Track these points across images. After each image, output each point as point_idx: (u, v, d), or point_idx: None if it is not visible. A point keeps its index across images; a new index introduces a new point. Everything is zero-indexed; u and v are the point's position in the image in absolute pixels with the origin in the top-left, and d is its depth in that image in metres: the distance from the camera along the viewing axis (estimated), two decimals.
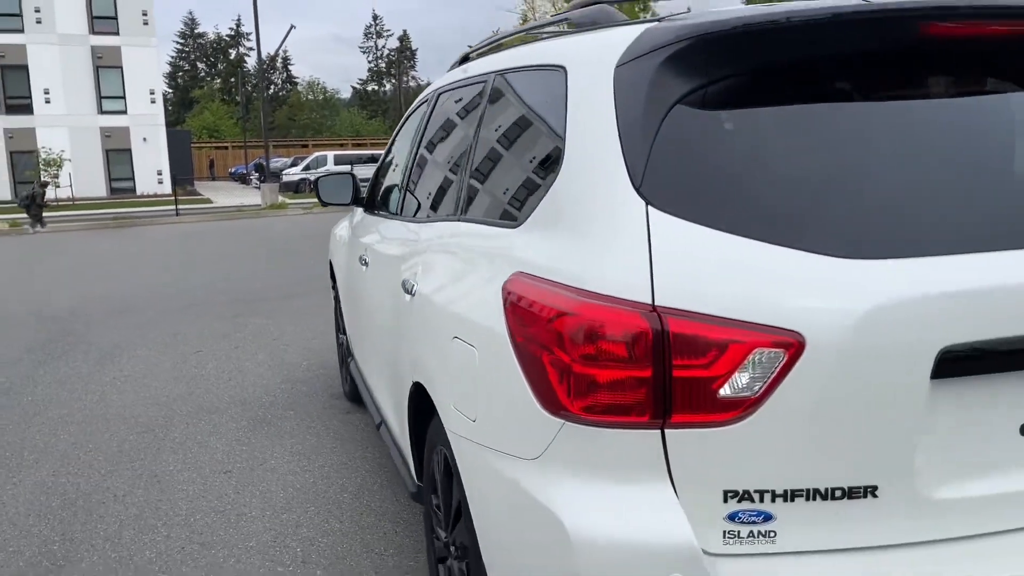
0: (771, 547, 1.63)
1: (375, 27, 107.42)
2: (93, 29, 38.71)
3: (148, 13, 39.62)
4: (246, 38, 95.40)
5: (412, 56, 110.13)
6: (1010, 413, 1.68)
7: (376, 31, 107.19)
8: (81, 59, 38.55)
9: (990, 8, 1.82)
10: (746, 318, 1.57)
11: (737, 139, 1.76)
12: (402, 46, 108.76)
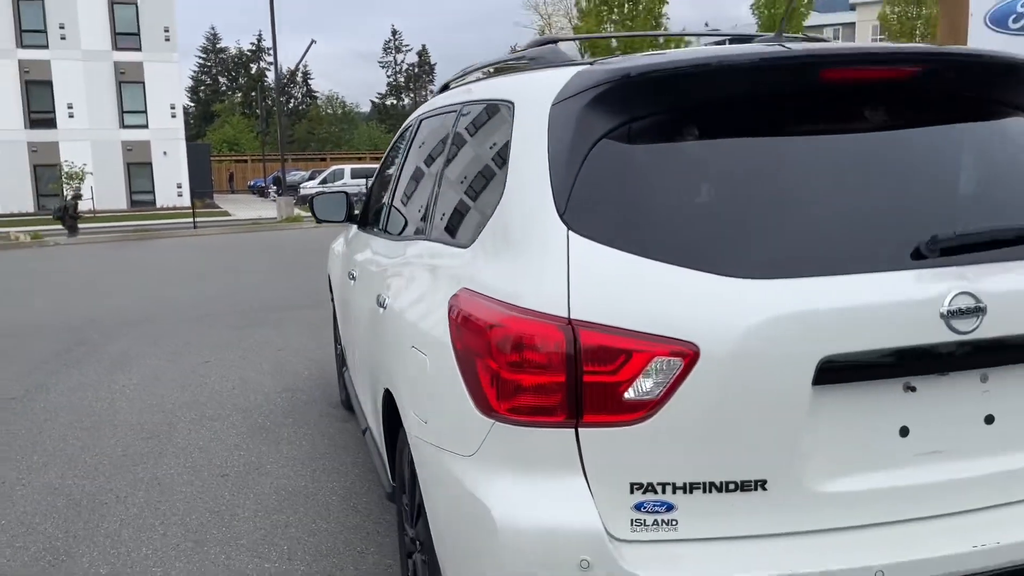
0: (673, 534, 1.82)
1: (394, 42, 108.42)
2: (116, 45, 39.45)
3: (170, 29, 40.33)
4: (267, 53, 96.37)
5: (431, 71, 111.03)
6: (890, 417, 1.87)
7: (395, 46, 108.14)
8: (104, 74, 39.29)
9: (875, 55, 2.03)
10: (648, 330, 1.77)
11: (649, 172, 1.97)
12: (421, 61, 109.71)
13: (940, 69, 2.11)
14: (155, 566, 3.52)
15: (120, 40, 39.52)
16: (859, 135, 2.09)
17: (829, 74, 2.02)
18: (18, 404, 6.14)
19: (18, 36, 38.20)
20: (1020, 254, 1.94)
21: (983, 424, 1.94)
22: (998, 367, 1.92)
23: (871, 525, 1.86)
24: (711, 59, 2.04)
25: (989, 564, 1.82)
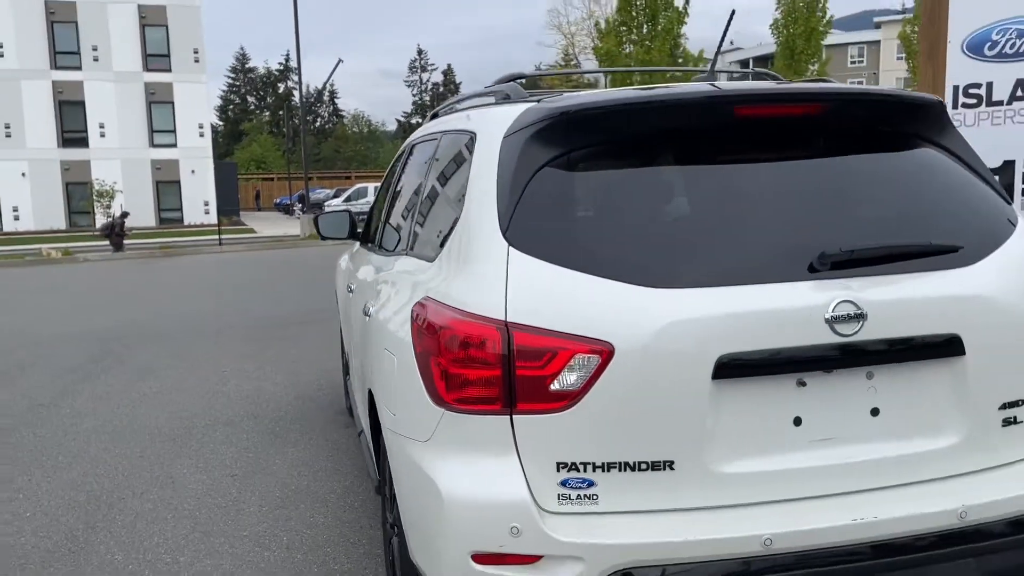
0: (594, 507, 2.11)
1: (419, 61, 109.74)
2: (147, 67, 40.47)
3: (199, 51, 41.29)
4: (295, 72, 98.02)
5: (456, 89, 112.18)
6: (784, 408, 2.16)
7: (421, 65, 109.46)
8: (135, 95, 40.28)
9: (778, 95, 2.34)
10: (571, 331, 2.07)
11: (580, 196, 2.29)
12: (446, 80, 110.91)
13: (835, 106, 2.41)
14: (165, 554, 3.85)
15: (151, 61, 40.54)
16: (764, 164, 2.40)
17: (741, 111, 2.33)
18: (46, 410, 6.54)
19: (52, 58, 39.31)
20: (900, 268, 2.22)
21: (870, 416, 2.21)
22: (882, 366, 2.20)
23: (766, 502, 2.14)
24: (636, 99, 2.36)
25: (867, 536, 2.10)
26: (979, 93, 5.86)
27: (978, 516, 2.17)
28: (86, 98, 39.74)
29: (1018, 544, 2.21)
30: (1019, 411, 2.31)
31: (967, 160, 2.57)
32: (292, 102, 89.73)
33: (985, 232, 2.40)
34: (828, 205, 2.37)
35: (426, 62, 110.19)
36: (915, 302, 2.21)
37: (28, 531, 4.16)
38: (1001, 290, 2.29)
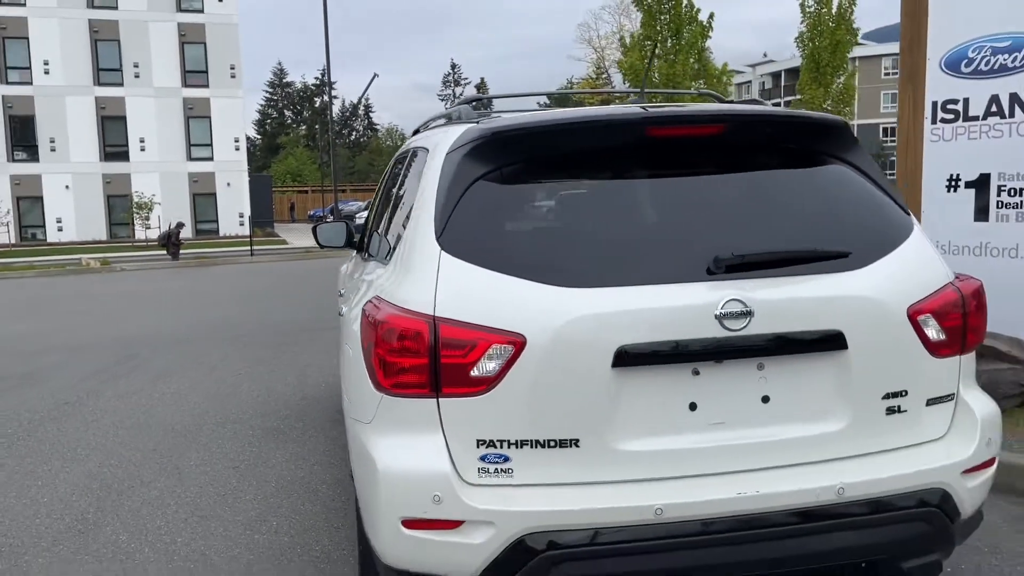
0: (509, 480, 2.39)
1: (453, 75, 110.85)
2: (185, 82, 41.54)
3: (236, 67, 42.29)
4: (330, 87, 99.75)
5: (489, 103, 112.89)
6: (681, 394, 2.42)
7: (454, 79, 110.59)
8: (174, 110, 41.36)
9: (688, 116, 2.62)
10: (489, 324, 2.36)
11: (504, 206, 2.58)
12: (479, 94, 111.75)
13: (737, 126, 2.68)
14: (164, 535, 4.20)
15: (189, 77, 41.61)
16: (672, 178, 2.68)
17: (653, 131, 2.62)
18: (71, 407, 6.96)
19: (96, 75, 40.52)
20: (789, 271, 2.48)
21: (760, 403, 2.47)
22: (771, 358, 2.46)
23: (661, 478, 2.40)
24: (559, 120, 2.65)
25: (749, 508, 2.35)
26: (956, 108, 6.07)
27: (855, 494, 2.42)
28: (127, 113, 40.88)
29: (891, 520, 2.45)
30: (902, 401, 2.55)
31: (871, 175, 2.82)
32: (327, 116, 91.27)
33: (876, 240, 2.65)
34: (728, 215, 2.64)
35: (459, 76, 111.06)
36: (800, 301, 2.46)
37: (43, 514, 4.53)
38: (884, 292, 2.54)
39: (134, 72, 40.72)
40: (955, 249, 6.16)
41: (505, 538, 2.31)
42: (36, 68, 39.83)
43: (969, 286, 2.72)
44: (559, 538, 2.31)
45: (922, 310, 2.58)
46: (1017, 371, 5.08)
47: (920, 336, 2.57)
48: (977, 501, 2.66)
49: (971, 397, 2.71)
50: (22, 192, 40.08)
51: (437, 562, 2.39)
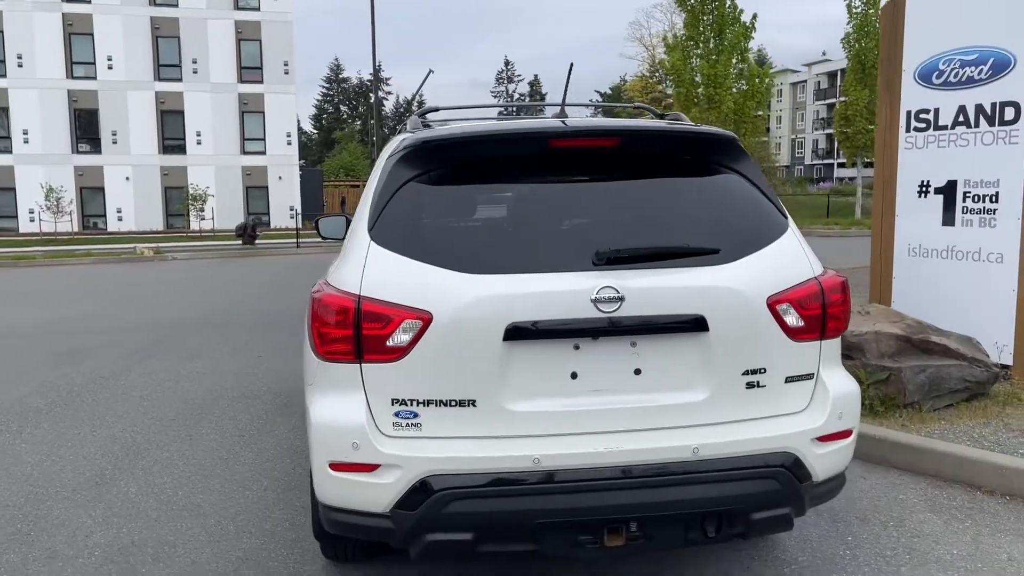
0: (419, 433, 2.87)
1: (506, 72, 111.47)
2: (241, 78, 42.84)
3: (289, 63, 43.45)
4: (385, 83, 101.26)
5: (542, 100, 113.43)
6: (564, 364, 2.87)
7: (507, 76, 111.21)
8: (229, 105, 42.69)
9: (586, 131, 3.06)
10: (403, 303, 2.84)
11: (425, 205, 3.05)
12: (532, 91, 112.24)
13: (631, 140, 3.12)
14: (168, 490, 4.77)
15: (245, 73, 42.90)
16: (570, 183, 3.13)
17: (555, 143, 3.08)
18: (105, 381, 7.64)
19: (156, 70, 42.04)
20: (663, 264, 2.90)
21: (633, 374, 2.91)
22: (642, 336, 2.89)
23: (544, 435, 2.85)
24: (476, 132, 3.12)
25: (613, 461, 2.79)
26: (928, 118, 6.38)
27: (708, 454, 2.85)
28: (185, 108, 42.33)
29: (741, 477, 2.86)
30: (761, 378, 2.97)
31: (756, 183, 3.23)
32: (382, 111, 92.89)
33: (748, 240, 3.06)
34: (617, 216, 3.08)
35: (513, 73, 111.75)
36: (668, 290, 2.89)
37: (68, 469, 5.15)
38: (746, 284, 2.95)
39: (192, 68, 42.13)
40: (925, 252, 6.47)
41: (410, 479, 2.80)
42: (100, 64, 41.47)
43: (831, 281, 3.11)
44: (453, 480, 2.78)
45: (781, 300, 2.98)
46: (963, 367, 5.39)
47: (779, 322, 2.98)
48: (831, 467, 3.06)
49: (829, 376, 3.10)
50: (85, 183, 41.78)
51: (357, 499, 2.88)
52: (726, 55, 28.60)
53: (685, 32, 29.49)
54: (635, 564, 3.66)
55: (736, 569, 3.63)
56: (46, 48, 40.89)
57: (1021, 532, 3.94)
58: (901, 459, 4.80)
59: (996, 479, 4.42)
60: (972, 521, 4.08)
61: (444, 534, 2.80)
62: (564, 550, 2.86)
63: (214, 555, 3.89)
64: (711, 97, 29.28)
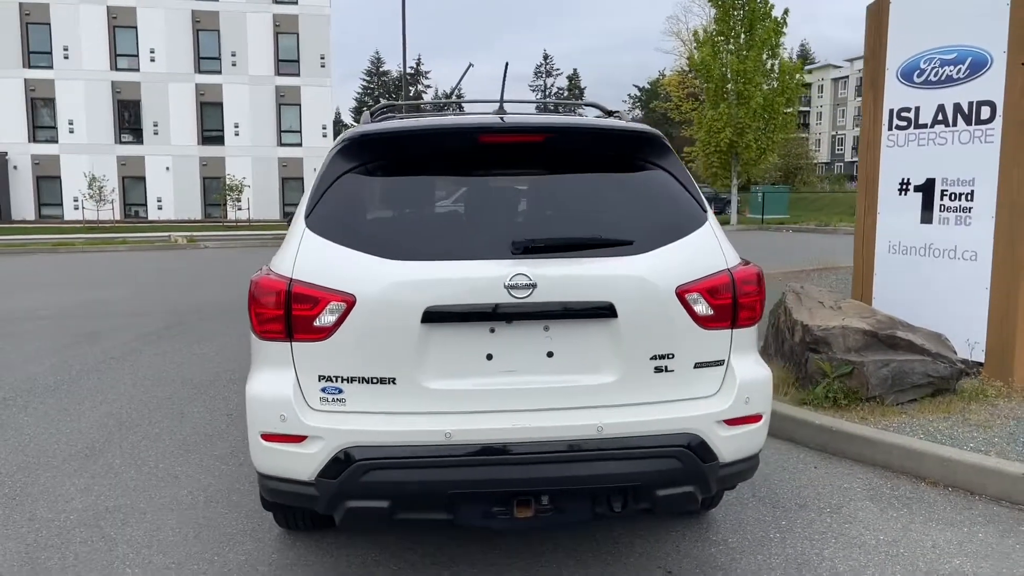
0: (343, 408, 3.08)
1: (545, 66, 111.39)
2: (278, 71, 43.56)
3: (325, 57, 44.06)
4: (424, 75, 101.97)
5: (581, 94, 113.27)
6: (479, 346, 3.05)
7: (546, 70, 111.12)
8: (266, 97, 43.44)
9: (514, 126, 3.24)
10: (330, 286, 3.05)
11: (359, 195, 3.26)
12: (571, 84, 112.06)
13: (557, 136, 3.29)
14: (151, 462, 5.05)
15: (282, 66, 43.62)
16: (497, 176, 3.31)
17: (484, 138, 3.26)
18: (115, 362, 8.00)
19: (196, 63, 42.90)
20: (577, 254, 3.06)
21: (546, 357, 3.08)
22: (554, 321, 3.06)
23: (458, 412, 3.04)
24: (408, 128, 3.31)
25: (521, 437, 2.97)
26: (909, 116, 6.45)
27: (613, 432, 3.02)
28: (224, 100, 43.14)
29: (645, 456, 3.02)
30: (669, 363, 3.13)
31: (679, 178, 3.38)
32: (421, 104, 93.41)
33: (664, 232, 3.21)
34: (539, 208, 3.26)
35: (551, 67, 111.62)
36: (579, 278, 3.06)
37: (63, 441, 5.47)
38: (655, 274, 3.11)
39: (231, 61, 42.92)
40: (904, 249, 6.54)
41: (331, 450, 3.01)
42: (143, 56, 42.45)
43: (744, 273, 3.25)
44: (371, 452, 2.98)
45: (691, 290, 3.14)
46: (926, 363, 5.46)
47: (688, 311, 3.14)
48: (738, 449, 3.20)
49: (739, 363, 3.24)
50: (127, 172, 42.83)
51: (286, 467, 3.10)
52: (756, 51, 28.39)
53: (715, 27, 29.34)
54: (564, 536, 3.84)
55: (667, 546, 3.79)
56: (91, 40, 41.95)
57: (953, 521, 4.05)
58: (854, 450, 4.91)
59: (940, 470, 4.51)
60: (908, 510, 4.19)
61: (362, 501, 3.01)
62: (476, 520, 3.06)
63: (179, 521, 4.15)
64: (740, 93, 29.11)
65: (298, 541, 3.90)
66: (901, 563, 3.62)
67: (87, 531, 4.03)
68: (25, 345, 8.97)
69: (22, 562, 3.70)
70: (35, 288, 14.96)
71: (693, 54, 30.44)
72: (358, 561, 3.67)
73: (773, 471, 4.76)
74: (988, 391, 5.69)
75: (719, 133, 29.63)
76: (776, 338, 6.30)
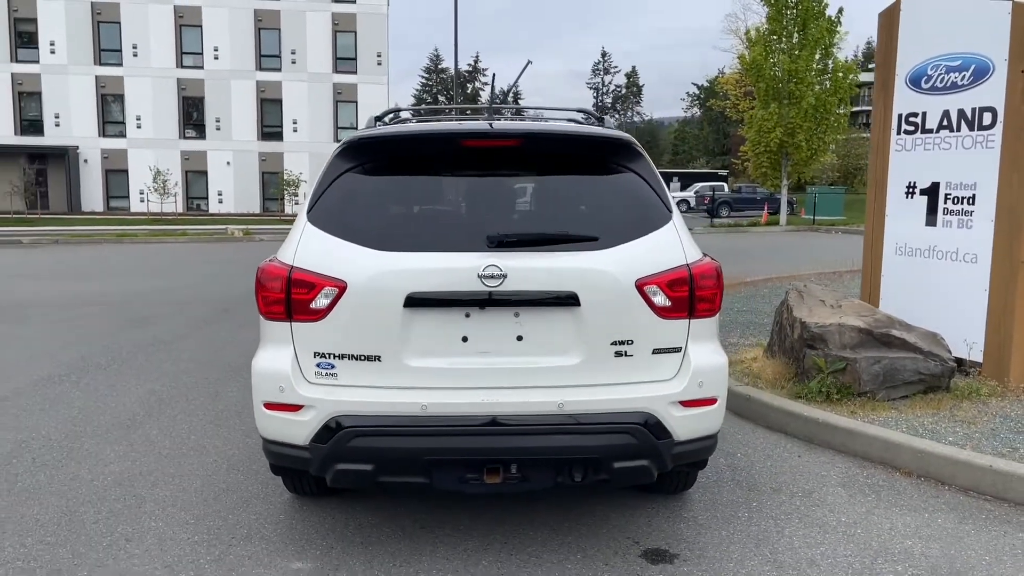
0: (335, 381, 3.47)
1: (603, 63, 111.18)
2: (336, 69, 44.53)
3: (382, 55, 44.90)
4: (482, 73, 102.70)
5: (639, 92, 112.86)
6: (456, 329, 3.41)
7: (604, 67, 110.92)
8: (324, 94, 44.46)
9: (492, 132, 3.59)
10: (324, 273, 3.43)
11: (356, 193, 3.63)
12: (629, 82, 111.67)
13: (533, 141, 3.63)
14: (183, 434, 5.53)
15: (340, 64, 44.59)
16: (478, 177, 3.66)
17: (465, 142, 3.62)
18: (163, 345, 8.57)
19: (258, 60, 44.10)
20: (540, 248, 3.40)
21: (516, 340, 3.42)
22: (524, 308, 3.40)
23: (435, 387, 3.40)
24: (398, 133, 3.69)
25: (486, 411, 3.32)
26: (916, 121, 6.64)
27: (572, 409, 3.35)
28: (283, 96, 44.28)
29: (601, 431, 3.35)
30: (627, 348, 3.44)
31: (648, 180, 3.68)
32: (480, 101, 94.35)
33: (628, 230, 3.52)
34: (514, 206, 3.60)
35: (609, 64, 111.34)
36: (546, 270, 3.39)
37: (107, 414, 5.99)
38: (617, 268, 3.42)
39: (291, 58, 44.02)
40: (910, 251, 6.71)
41: (322, 418, 3.40)
42: (207, 54, 43.79)
43: (702, 268, 3.54)
44: (356, 420, 3.37)
45: (650, 282, 3.45)
46: (917, 360, 5.65)
47: (647, 301, 3.45)
48: (693, 429, 3.50)
49: (696, 351, 3.54)
50: (190, 167, 44.26)
51: (285, 433, 3.50)
52: (808, 50, 28.15)
53: (768, 26, 29.14)
54: (544, 509, 4.17)
55: (640, 521, 4.09)
56: (159, 39, 43.45)
57: (916, 507, 4.27)
58: (838, 441, 5.14)
59: (915, 462, 4.73)
60: (876, 496, 4.42)
61: (349, 464, 3.39)
62: (451, 484, 3.42)
63: (203, 485, 4.60)
64: (792, 92, 28.89)
65: (304, 505, 4.31)
66: (855, 542, 3.87)
67: (121, 490, 4.50)
68: (83, 328, 9.62)
69: (62, 514, 4.18)
70: (98, 276, 15.79)
71: (744, 54, 30.27)
72: (354, 524, 4.06)
73: (757, 458, 5.03)
74: (982, 390, 5.84)
75: (769, 133, 29.43)
76: (779, 335, 6.53)
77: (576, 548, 3.80)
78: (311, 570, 3.60)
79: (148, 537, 3.93)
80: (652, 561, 3.68)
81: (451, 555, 3.73)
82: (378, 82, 44.89)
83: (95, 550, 3.79)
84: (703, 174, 61.12)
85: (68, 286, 13.95)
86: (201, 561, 3.68)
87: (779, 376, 6.23)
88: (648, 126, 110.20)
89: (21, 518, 4.13)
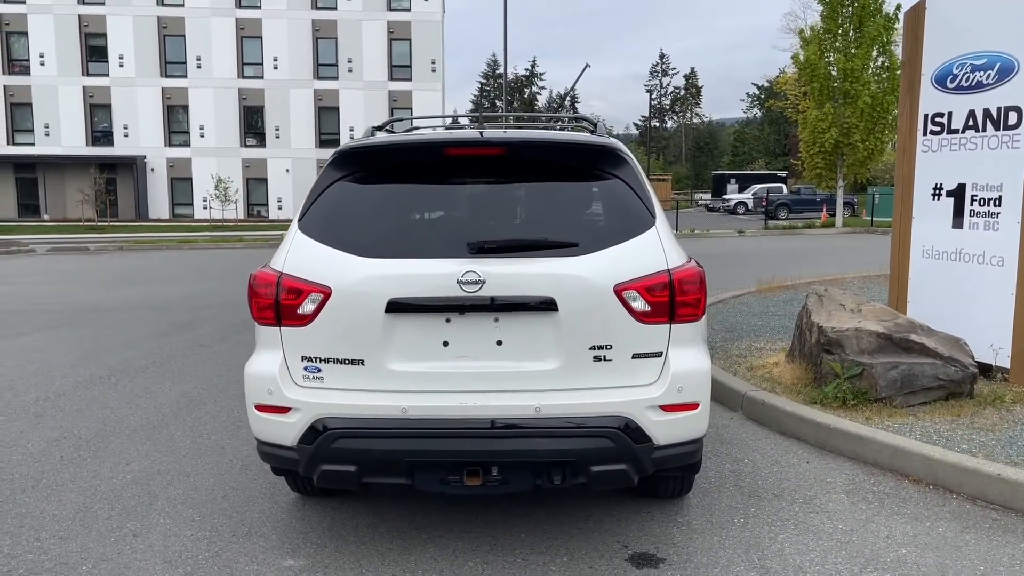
0: (321, 384, 3.57)
1: (661, 65, 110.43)
2: (391, 76, 45.16)
3: (436, 62, 45.38)
4: (539, 78, 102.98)
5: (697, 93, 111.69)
6: (437, 334, 3.48)
7: (662, 69, 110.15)
8: (380, 101, 45.10)
9: (476, 141, 3.66)
10: (311, 279, 3.55)
11: (345, 201, 3.74)
12: (688, 84, 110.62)
13: (515, 148, 3.69)
14: (205, 434, 5.72)
15: (395, 72, 45.23)
16: (462, 185, 3.72)
17: (449, 151, 3.69)
18: (202, 348, 8.85)
19: (315, 69, 44.99)
20: (519, 254, 3.45)
21: (496, 345, 3.48)
22: (503, 313, 3.45)
23: (416, 390, 3.47)
24: (386, 143, 3.78)
25: (467, 415, 3.38)
26: (942, 122, 6.51)
27: (549, 413, 3.39)
28: (340, 104, 45.07)
29: (578, 435, 3.38)
30: (606, 352, 3.47)
31: (632, 187, 3.71)
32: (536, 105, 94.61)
33: (608, 236, 3.55)
34: (496, 213, 3.66)
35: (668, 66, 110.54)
36: (524, 275, 3.44)
37: (138, 414, 6.23)
38: (594, 273, 3.45)
39: (347, 67, 44.80)
40: (937, 254, 6.57)
41: (308, 420, 3.51)
42: (267, 64, 44.84)
43: (683, 273, 3.55)
44: (339, 423, 3.47)
45: (628, 287, 3.47)
46: (936, 366, 5.52)
47: (626, 306, 3.47)
48: (673, 434, 3.51)
49: (677, 356, 3.54)
50: (250, 174, 45.36)
51: (274, 434, 3.62)
52: (864, 48, 27.53)
53: (823, 25, 28.58)
54: (540, 513, 4.22)
55: (633, 525, 4.11)
56: (221, 50, 44.67)
57: (918, 516, 4.19)
58: (848, 448, 5.07)
59: (924, 469, 4.63)
60: (879, 504, 4.35)
61: (333, 465, 3.49)
62: (432, 486, 3.49)
63: (214, 484, 4.76)
64: (847, 92, 28.29)
65: (307, 504, 4.43)
66: (847, 549, 3.82)
67: (137, 488, 4.69)
68: (128, 331, 9.99)
69: (77, 508, 4.38)
70: (154, 281, 16.33)
71: (798, 53, 29.74)
72: (352, 524, 4.17)
73: (764, 464, 4.99)
74: (1007, 396, 5.68)
75: (824, 133, 28.85)
76: (799, 339, 6.45)
77: (564, 551, 3.83)
78: (301, 567, 3.71)
79: (154, 533, 4.09)
80: (637, 565, 3.69)
81: (439, 555, 3.80)
82: (433, 88, 45.38)
83: (102, 545, 3.96)
84: (762, 175, 60.18)
85: (122, 291, 14.47)
86: (200, 557, 3.83)
87: (797, 381, 6.16)
88: (708, 127, 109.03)
89: (40, 513, 4.35)
